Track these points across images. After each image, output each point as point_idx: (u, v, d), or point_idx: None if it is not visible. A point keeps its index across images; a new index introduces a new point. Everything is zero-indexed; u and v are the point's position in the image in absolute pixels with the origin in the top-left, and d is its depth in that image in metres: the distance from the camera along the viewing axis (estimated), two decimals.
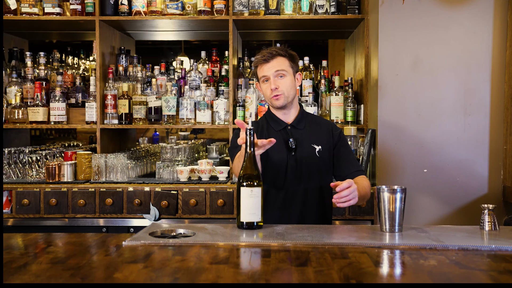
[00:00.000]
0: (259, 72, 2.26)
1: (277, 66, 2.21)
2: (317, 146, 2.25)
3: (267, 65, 2.22)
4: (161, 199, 2.96)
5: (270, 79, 2.21)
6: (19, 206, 2.98)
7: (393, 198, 1.78)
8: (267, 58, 2.21)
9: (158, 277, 1.34)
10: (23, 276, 1.35)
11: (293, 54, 2.29)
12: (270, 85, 2.20)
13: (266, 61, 2.21)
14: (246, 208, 1.76)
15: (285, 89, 2.21)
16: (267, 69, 2.21)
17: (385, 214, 1.80)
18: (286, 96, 2.22)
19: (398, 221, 1.80)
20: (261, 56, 2.23)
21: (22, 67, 3.55)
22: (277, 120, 2.29)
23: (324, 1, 3.25)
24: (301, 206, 2.22)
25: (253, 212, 1.76)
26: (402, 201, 1.79)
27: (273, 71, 2.20)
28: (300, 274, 1.37)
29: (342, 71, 4.12)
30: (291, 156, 2.23)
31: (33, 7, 3.30)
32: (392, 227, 1.80)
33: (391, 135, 3.03)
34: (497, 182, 3.00)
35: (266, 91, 2.24)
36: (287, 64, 2.23)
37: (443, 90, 3.01)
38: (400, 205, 1.79)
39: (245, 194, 1.76)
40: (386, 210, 1.80)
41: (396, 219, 1.79)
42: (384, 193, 1.79)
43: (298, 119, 2.29)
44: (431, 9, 2.99)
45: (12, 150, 3.22)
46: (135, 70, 3.42)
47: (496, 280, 1.34)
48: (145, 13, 3.28)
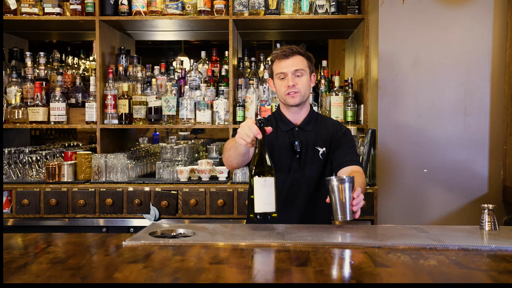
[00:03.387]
0: (276, 68, 2.21)
1: (296, 64, 2.17)
2: (321, 148, 2.24)
3: (286, 62, 2.18)
4: (161, 199, 2.96)
5: (288, 76, 2.17)
6: (19, 206, 2.98)
7: (342, 188, 1.81)
8: (287, 54, 2.17)
9: (158, 277, 1.34)
10: (23, 276, 1.35)
11: (310, 55, 2.26)
12: (288, 82, 2.16)
13: (286, 57, 2.17)
14: (260, 198, 1.68)
15: (302, 88, 2.18)
16: (286, 65, 2.17)
17: (336, 203, 1.82)
18: (302, 95, 2.19)
19: (349, 209, 1.81)
20: (280, 51, 2.19)
21: (22, 67, 3.55)
22: (285, 121, 2.27)
23: (324, 1, 3.25)
24: (303, 207, 2.22)
25: (267, 202, 1.69)
26: (350, 190, 1.82)
27: (292, 69, 2.17)
28: (300, 274, 1.37)
29: (342, 71, 4.12)
30: (295, 159, 2.22)
31: (33, 7, 3.30)
32: (344, 215, 1.81)
33: (391, 135, 3.03)
34: (497, 182, 3.00)
35: (281, 87, 2.20)
36: (305, 63, 2.20)
37: (443, 90, 3.01)
38: (349, 194, 1.81)
39: (259, 184, 1.69)
40: (337, 199, 1.82)
41: (347, 207, 1.81)
42: (334, 183, 1.81)
43: (306, 121, 2.26)
44: (431, 9, 2.99)
45: (12, 150, 3.22)
46: (135, 70, 3.42)
47: (496, 280, 1.34)
48: (145, 13, 3.28)
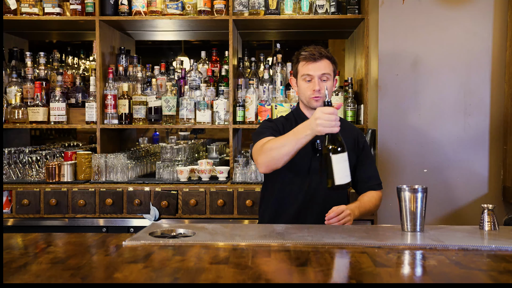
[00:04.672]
0: (302, 69, 2.21)
1: (323, 68, 2.18)
2: None
3: (314, 65, 2.18)
4: (161, 199, 2.96)
5: (315, 79, 2.18)
6: (19, 206, 2.98)
7: (414, 198, 1.79)
8: (316, 57, 2.18)
9: (158, 277, 1.34)
10: (23, 276, 1.35)
11: (335, 59, 2.27)
12: (314, 85, 2.17)
13: (314, 60, 2.18)
14: (340, 172, 1.82)
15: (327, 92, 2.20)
16: (314, 69, 2.18)
17: (406, 213, 1.81)
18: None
19: (420, 221, 1.80)
20: (309, 53, 2.19)
21: (22, 67, 3.55)
22: (305, 119, 2.25)
23: (324, 1, 3.25)
24: (321, 207, 2.21)
25: (346, 174, 1.82)
26: (423, 200, 1.79)
27: (320, 73, 2.18)
28: (300, 274, 1.37)
29: (342, 71, 4.12)
30: (315, 158, 2.22)
31: (33, 7, 3.30)
32: (413, 226, 1.80)
33: (391, 135, 3.03)
34: (497, 182, 3.00)
35: (307, 90, 2.21)
36: (331, 68, 2.22)
37: (443, 90, 3.01)
38: (421, 204, 1.79)
39: (336, 161, 1.81)
40: (407, 209, 1.81)
41: (417, 219, 1.80)
42: (405, 193, 1.79)
43: None
44: (431, 9, 2.99)
45: (12, 150, 3.22)
46: (135, 70, 3.42)
47: (496, 280, 1.34)
48: (145, 13, 3.28)
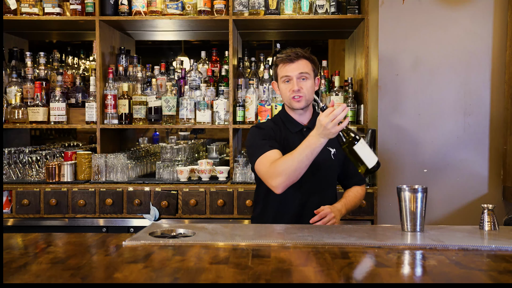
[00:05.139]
0: (281, 72, 2.22)
1: (301, 68, 2.19)
2: (332, 148, 2.26)
3: (291, 66, 2.19)
4: (161, 199, 2.96)
5: (293, 80, 2.18)
6: (19, 206, 2.98)
7: (414, 198, 1.79)
8: (292, 58, 2.19)
9: (158, 277, 1.34)
10: (23, 276, 1.35)
11: (315, 58, 2.27)
12: (293, 86, 2.18)
13: (291, 61, 2.19)
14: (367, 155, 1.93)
15: (306, 91, 2.19)
16: (291, 69, 2.19)
17: (406, 213, 1.81)
18: (307, 99, 2.21)
19: (420, 221, 1.81)
20: (285, 55, 2.20)
21: (22, 67, 3.55)
22: (293, 122, 2.28)
23: (324, 1, 3.25)
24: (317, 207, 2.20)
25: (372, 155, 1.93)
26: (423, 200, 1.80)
27: (297, 73, 2.18)
28: (300, 274, 1.37)
29: (342, 71, 4.12)
30: None
31: (33, 7, 3.30)
32: (413, 227, 1.81)
33: (391, 135, 3.03)
34: (497, 182, 3.00)
35: (286, 91, 2.21)
36: (310, 67, 2.22)
37: (443, 90, 3.01)
38: (421, 204, 1.80)
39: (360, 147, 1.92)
40: (407, 209, 1.81)
41: (417, 219, 1.80)
42: (405, 193, 1.80)
43: (313, 121, 2.25)
44: (431, 9, 2.99)
45: (12, 150, 3.22)
46: (135, 70, 3.42)
47: (496, 280, 1.34)
48: (145, 13, 3.28)
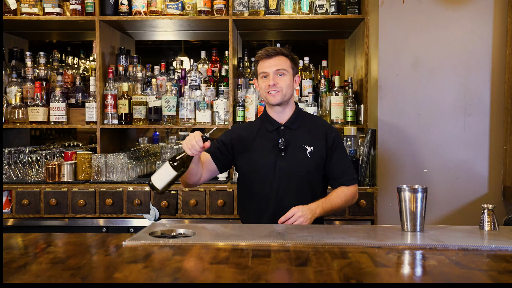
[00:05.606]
0: (259, 68, 2.25)
1: (278, 64, 2.21)
2: (309, 147, 2.25)
3: (268, 62, 2.22)
4: (161, 199, 2.96)
5: (270, 75, 2.21)
6: (19, 206, 2.98)
7: (414, 198, 1.79)
8: (269, 54, 2.21)
9: (158, 277, 1.34)
10: (23, 276, 1.35)
11: (295, 57, 2.29)
12: (269, 81, 2.20)
13: (268, 57, 2.22)
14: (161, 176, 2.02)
15: (283, 86, 2.21)
16: (268, 65, 2.21)
17: (406, 213, 1.81)
18: (283, 94, 2.21)
19: (420, 221, 1.81)
20: (264, 52, 2.23)
21: (22, 67, 3.55)
22: (271, 121, 2.29)
23: (324, 1, 3.25)
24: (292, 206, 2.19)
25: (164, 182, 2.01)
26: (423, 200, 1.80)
27: (274, 69, 2.20)
28: (300, 274, 1.37)
29: (342, 71, 4.12)
30: (281, 157, 2.23)
31: (33, 7, 3.30)
32: (413, 227, 1.81)
33: (391, 135, 3.02)
34: (497, 182, 3.00)
35: (263, 87, 2.24)
36: (288, 64, 2.24)
37: (443, 90, 3.01)
38: (421, 204, 1.80)
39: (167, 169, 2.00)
40: (407, 209, 1.81)
41: (417, 219, 1.81)
42: (405, 193, 1.80)
43: (292, 119, 2.28)
44: (431, 9, 2.99)
45: (12, 150, 3.22)
46: (135, 70, 3.42)
47: (496, 280, 1.34)
48: (145, 13, 3.28)
